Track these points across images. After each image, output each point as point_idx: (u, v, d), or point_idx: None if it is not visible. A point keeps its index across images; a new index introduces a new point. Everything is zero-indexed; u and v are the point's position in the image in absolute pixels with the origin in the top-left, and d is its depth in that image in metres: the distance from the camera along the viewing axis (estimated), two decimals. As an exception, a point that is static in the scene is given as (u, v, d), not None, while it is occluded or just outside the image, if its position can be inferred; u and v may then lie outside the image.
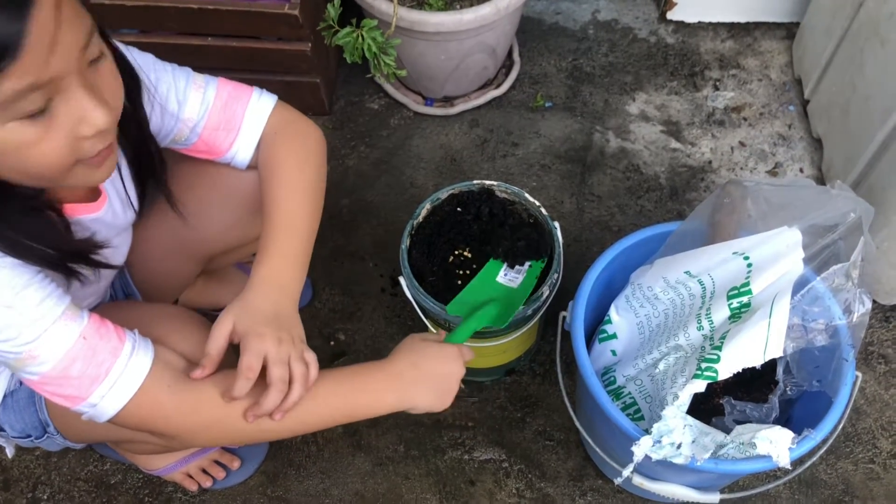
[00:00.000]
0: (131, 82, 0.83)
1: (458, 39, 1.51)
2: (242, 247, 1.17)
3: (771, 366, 0.98)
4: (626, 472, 0.99)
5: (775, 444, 0.90)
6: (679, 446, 0.91)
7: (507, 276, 1.14)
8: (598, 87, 1.77)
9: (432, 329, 1.20)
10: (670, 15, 1.87)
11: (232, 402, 0.83)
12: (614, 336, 1.13)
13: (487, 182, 1.22)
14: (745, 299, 0.97)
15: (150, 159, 0.93)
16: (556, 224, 1.18)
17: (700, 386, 0.92)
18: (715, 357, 0.92)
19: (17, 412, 1.00)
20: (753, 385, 1.10)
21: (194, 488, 1.27)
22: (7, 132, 0.64)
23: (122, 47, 0.83)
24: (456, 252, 1.20)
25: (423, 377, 0.94)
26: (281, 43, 1.53)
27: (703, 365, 0.93)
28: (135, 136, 0.88)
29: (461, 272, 1.18)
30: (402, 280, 1.15)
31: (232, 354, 0.86)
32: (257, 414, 0.83)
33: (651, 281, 1.08)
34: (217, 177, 1.04)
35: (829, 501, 1.26)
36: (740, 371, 0.92)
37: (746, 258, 0.99)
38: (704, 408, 1.08)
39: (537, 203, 1.19)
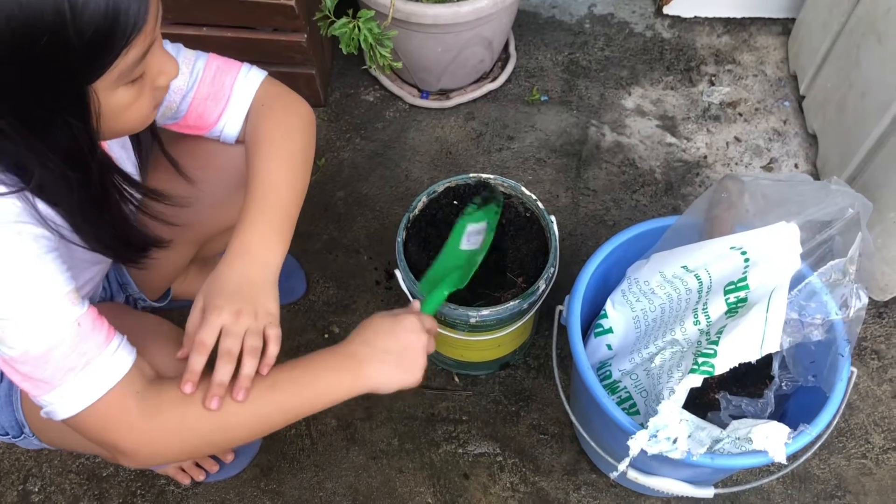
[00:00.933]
0: None
1: (455, 32, 1.50)
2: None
3: (766, 361, 0.98)
4: (622, 467, 0.99)
5: (771, 440, 0.90)
6: (675, 441, 0.91)
7: (470, 241, 1.12)
8: (594, 82, 1.77)
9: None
10: (666, 9, 1.87)
11: (190, 390, 0.79)
12: (610, 330, 1.13)
13: (484, 175, 1.22)
14: (742, 294, 0.97)
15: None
16: (552, 218, 1.18)
17: (696, 381, 0.92)
18: (712, 352, 0.92)
19: None
20: (749, 380, 1.10)
21: (187, 481, 1.26)
22: (117, 96, 0.72)
23: None
24: (452, 245, 1.19)
25: (377, 354, 0.89)
26: (276, 34, 1.52)
27: (700, 360, 0.93)
28: None
29: (457, 265, 1.17)
30: (397, 273, 1.14)
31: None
32: (213, 394, 0.79)
33: (647, 275, 1.08)
34: (207, 155, 1.04)
35: (821, 496, 1.27)
36: (736, 366, 0.92)
37: (744, 253, 0.98)
38: (700, 402, 1.08)
39: (534, 197, 1.19)
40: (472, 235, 1.13)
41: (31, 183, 0.72)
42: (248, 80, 0.98)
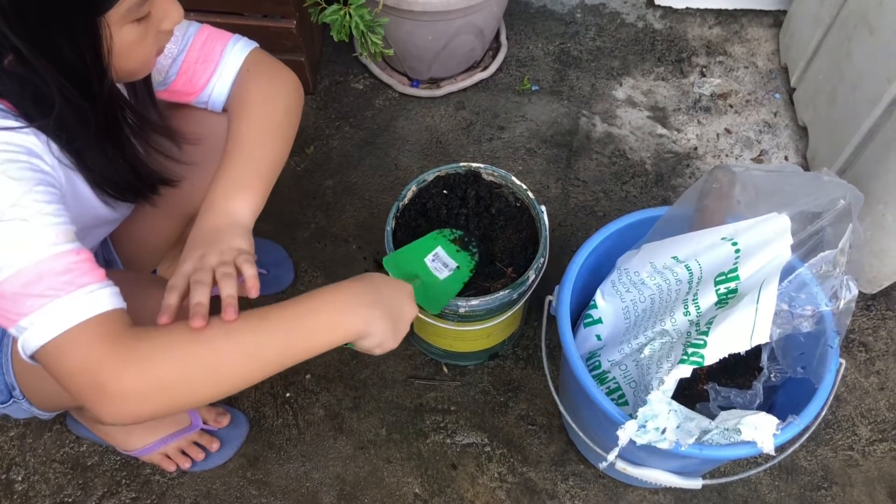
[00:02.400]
0: None
1: (446, 20, 1.49)
2: None
3: (755, 352, 0.97)
4: (611, 457, 0.98)
5: (760, 431, 0.90)
6: (663, 431, 0.91)
7: (433, 264, 1.11)
8: (585, 72, 1.76)
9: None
10: (658, 0, 1.86)
11: (166, 321, 0.77)
12: (599, 321, 1.13)
13: (474, 165, 1.21)
14: (732, 285, 0.97)
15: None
16: (543, 208, 1.17)
17: (686, 371, 0.92)
18: (701, 342, 0.92)
19: None
20: (738, 371, 1.10)
21: (172, 469, 1.25)
22: (124, 34, 0.76)
23: None
24: (441, 234, 1.18)
25: (381, 302, 0.86)
26: (266, 20, 1.50)
27: (690, 350, 0.92)
28: None
29: (446, 255, 1.17)
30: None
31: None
32: (194, 313, 0.75)
33: (638, 266, 1.08)
34: (195, 124, 1.04)
35: (808, 488, 1.27)
36: (725, 357, 0.91)
37: (734, 244, 0.98)
38: (689, 394, 1.08)
39: (524, 186, 1.18)
40: (437, 259, 1.11)
41: (51, 116, 0.76)
42: (239, 46, 1.01)
